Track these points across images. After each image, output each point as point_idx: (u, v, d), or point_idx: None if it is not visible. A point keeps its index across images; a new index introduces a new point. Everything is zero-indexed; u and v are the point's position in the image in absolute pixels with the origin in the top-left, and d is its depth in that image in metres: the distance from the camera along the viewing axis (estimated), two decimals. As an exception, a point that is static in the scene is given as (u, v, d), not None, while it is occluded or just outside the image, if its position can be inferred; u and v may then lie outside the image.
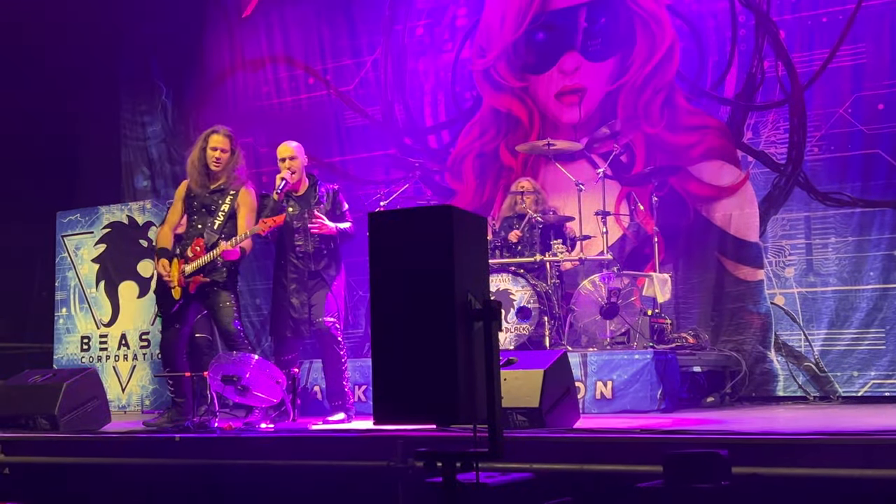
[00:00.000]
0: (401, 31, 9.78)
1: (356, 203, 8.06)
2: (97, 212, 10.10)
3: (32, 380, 6.71)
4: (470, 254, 3.43)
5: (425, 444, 4.29)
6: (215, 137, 6.47)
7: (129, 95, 11.26)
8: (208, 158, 6.44)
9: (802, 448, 4.17)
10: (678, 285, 8.19)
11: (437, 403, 3.29)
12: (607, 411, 6.70)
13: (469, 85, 9.49)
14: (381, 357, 3.41)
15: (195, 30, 10.91)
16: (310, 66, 10.21)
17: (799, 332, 7.85)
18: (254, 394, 6.01)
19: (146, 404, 9.43)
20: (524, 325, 7.38)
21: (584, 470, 4.43)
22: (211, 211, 6.39)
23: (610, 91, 8.78)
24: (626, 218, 8.49)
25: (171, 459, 5.48)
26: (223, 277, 6.38)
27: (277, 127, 10.16)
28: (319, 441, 5.37)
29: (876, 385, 7.50)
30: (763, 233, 8.08)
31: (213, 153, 6.44)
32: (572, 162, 8.51)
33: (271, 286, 6.90)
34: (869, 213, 7.71)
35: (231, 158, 6.49)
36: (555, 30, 9.09)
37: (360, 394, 7.35)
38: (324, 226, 6.52)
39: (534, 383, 5.12)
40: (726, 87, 8.35)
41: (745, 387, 7.79)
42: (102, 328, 9.87)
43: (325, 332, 6.52)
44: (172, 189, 10.69)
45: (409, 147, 9.62)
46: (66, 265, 10.18)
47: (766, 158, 8.12)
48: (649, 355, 6.79)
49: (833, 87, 7.91)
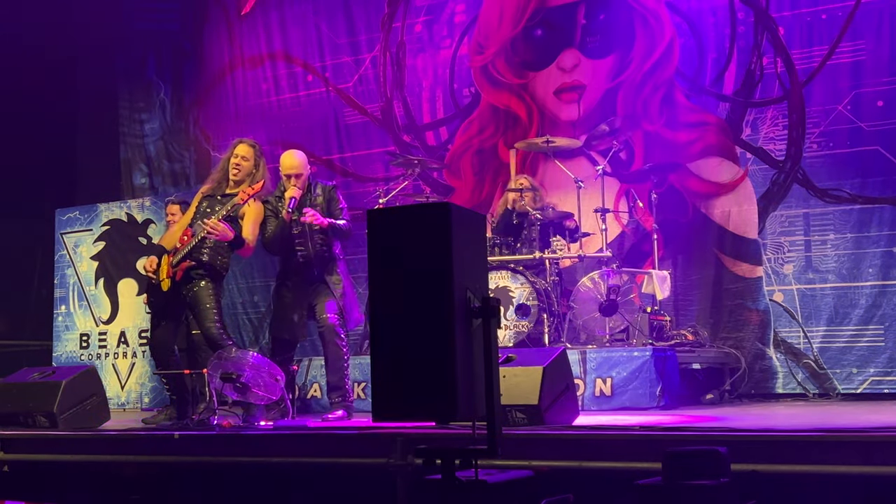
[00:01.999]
0: (399, 27, 9.78)
1: (355, 200, 8.07)
2: (96, 209, 10.10)
3: (31, 377, 6.71)
4: (469, 251, 3.43)
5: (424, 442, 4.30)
6: (240, 147, 6.56)
7: (128, 93, 11.25)
8: (231, 166, 6.50)
9: (802, 445, 4.17)
10: (677, 282, 8.19)
11: (436, 401, 3.29)
12: (606, 408, 6.70)
13: (467, 82, 9.49)
14: (381, 354, 3.41)
15: (194, 27, 10.92)
16: (309, 64, 10.20)
17: (798, 329, 7.85)
18: (253, 391, 6.00)
19: (145, 402, 9.44)
20: (523, 323, 7.37)
21: (584, 467, 4.43)
22: (214, 210, 6.41)
23: (609, 88, 8.77)
24: (626, 215, 8.49)
25: (170, 457, 5.48)
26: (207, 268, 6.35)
27: (276, 124, 10.17)
28: (319, 438, 5.36)
29: (875, 382, 7.50)
30: (762, 229, 8.08)
31: (235, 160, 6.49)
32: (571, 159, 8.50)
33: (269, 284, 6.91)
34: (868, 210, 7.71)
35: (254, 169, 6.52)
36: (553, 26, 9.08)
37: (359, 391, 7.35)
38: (316, 216, 6.49)
39: (533, 380, 5.11)
40: (725, 83, 8.35)
41: (744, 384, 7.80)
42: (102, 325, 9.87)
43: (327, 330, 6.52)
44: (171, 186, 10.72)
45: (407, 144, 9.61)
46: (66, 263, 10.18)
47: (764, 155, 8.12)
48: (648, 352, 6.79)
49: (832, 83, 7.90)
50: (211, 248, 6.35)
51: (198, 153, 10.75)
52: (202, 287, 6.32)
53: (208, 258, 6.35)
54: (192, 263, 6.32)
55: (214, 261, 6.38)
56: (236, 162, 6.49)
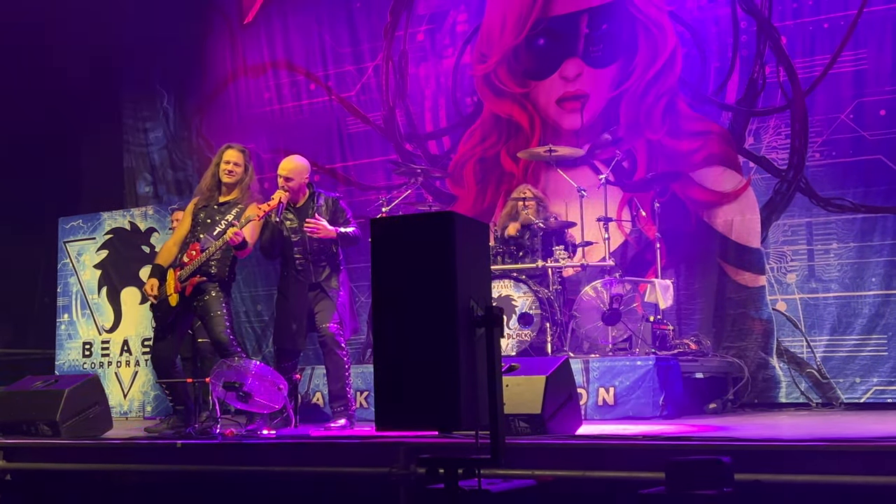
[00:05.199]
0: (402, 36, 9.80)
1: (358, 209, 8.07)
2: (99, 218, 10.11)
3: (34, 386, 6.71)
4: (472, 260, 3.43)
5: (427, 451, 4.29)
6: (230, 152, 6.53)
7: (132, 101, 11.28)
8: (221, 172, 6.49)
9: (805, 455, 4.17)
10: (680, 291, 8.19)
11: (439, 410, 3.29)
12: (609, 418, 6.69)
13: (470, 90, 9.50)
14: (384, 363, 3.41)
15: (197, 36, 10.93)
16: (311, 72, 10.22)
17: (801, 339, 7.85)
18: (256, 400, 6.00)
19: (148, 410, 9.43)
20: (526, 332, 7.37)
21: (587, 476, 4.43)
22: (215, 221, 6.41)
23: (612, 97, 8.78)
24: (628, 224, 8.49)
25: (172, 466, 5.47)
26: (216, 280, 6.36)
27: (279, 133, 10.18)
28: (321, 447, 5.36)
29: (878, 392, 7.49)
30: (765, 238, 8.08)
31: (227, 166, 6.49)
32: (574, 168, 8.51)
33: (273, 293, 6.91)
34: (871, 219, 7.70)
35: (245, 174, 6.52)
36: (556, 35, 9.09)
37: (361, 400, 7.34)
38: (320, 228, 6.48)
39: (536, 390, 5.11)
40: (728, 92, 8.35)
41: (747, 393, 7.79)
42: (104, 334, 9.87)
43: (328, 339, 6.52)
44: (174, 195, 10.73)
45: (410, 153, 9.62)
46: (69, 271, 10.18)
47: (767, 164, 8.12)
48: (651, 361, 6.79)
49: (835, 92, 7.91)
50: (219, 261, 6.37)
51: (200, 162, 10.75)
52: (213, 296, 6.34)
53: (217, 270, 6.37)
54: (202, 279, 6.33)
55: (223, 272, 6.41)
56: (229, 168, 6.48)
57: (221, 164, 6.51)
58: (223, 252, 6.34)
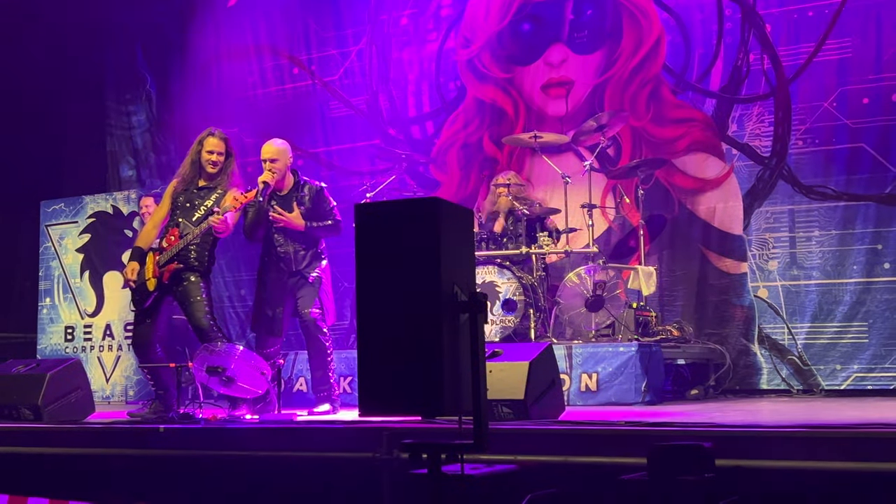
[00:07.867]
0: (385, 20, 9.76)
1: (341, 194, 8.04)
2: (82, 201, 10.07)
3: (16, 370, 6.67)
4: (456, 246, 3.42)
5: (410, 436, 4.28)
6: (211, 140, 6.46)
7: (114, 85, 11.22)
8: (204, 161, 6.43)
9: (785, 441, 4.19)
10: (663, 278, 8.21)
11: (422, 395, 3.29)
12: (592, 403, 6.72)
13: (453, 75, 9.48)
14: (367, 349, 3.41)
15: (180, 19, 10.87)
16: (294, 56, 10.18)
17: (782, 325, 7.89)
18: (239, 385, 6.00)
19: (130, 395, 9.42)
20: (510, 318, 7.38)
21: (569, 462, 4.44)
22: (194, 206, 6.38)
23: (597, 84, 8.78)
24: (612, 211, 8.50)
25: (155, 450, 5.46)
26: (195, 266, 6.34)
27: (262, 117, 10.13)
28: (304, 432, 5.36)
29: (858, 378, 7.54)
30: (747, 226, 8.11)
31: (210, 156, 6.43)
32: (559, 154, 8.51)
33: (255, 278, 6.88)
34: (853, 207, 7.74)
35: (227, 161, 6.49)
36: (541, 21, 9.08)
37: (345, 385, 7.35)
38: (287, 222, 6.49)
39: (519, 375, 5.12)
40: (712, 79, 8.37)
41: (728, 380, 7.83)
42: (87, 318, 9.84)
43: (310, 324, 6.51)
44: (157, 179, 10.68)
45: (393, 138, 9.60)
46: (50, 255, 10.14)
47: (750, 151, 8.15)
48: (634, 348, 6.82)
49: (818, 80, 7.94)
50: (197, 246, 6.34)
51: (183, 145, 10.66)
52: (192, 282, 6.32)
53: (195, 256, 6.34)
54: (179, 266, 6.30)
55: (202, 258, 6.38)
56: (212, 160, 6.43)
57: (204, 154, 6.45)
58: (202, 238, 6.32)
